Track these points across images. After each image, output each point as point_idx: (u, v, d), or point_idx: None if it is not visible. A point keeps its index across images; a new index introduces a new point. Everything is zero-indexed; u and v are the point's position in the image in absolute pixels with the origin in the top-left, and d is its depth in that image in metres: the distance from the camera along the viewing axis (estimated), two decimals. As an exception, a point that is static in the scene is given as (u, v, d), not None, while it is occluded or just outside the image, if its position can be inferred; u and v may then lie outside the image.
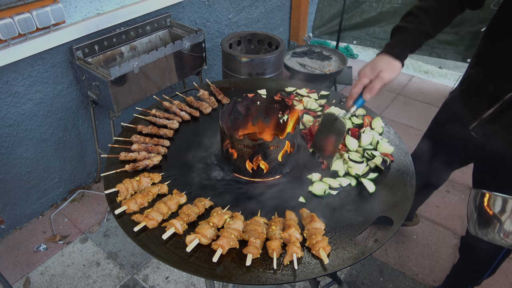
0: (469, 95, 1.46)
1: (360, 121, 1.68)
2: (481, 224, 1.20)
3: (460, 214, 2.65)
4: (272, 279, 1.06)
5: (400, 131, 3.39)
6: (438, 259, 2.37)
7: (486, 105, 1.33)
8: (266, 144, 1.30)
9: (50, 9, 1.98)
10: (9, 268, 2.29)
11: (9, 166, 2.29)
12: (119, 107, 2.23)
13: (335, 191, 1.35)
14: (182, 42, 2.42)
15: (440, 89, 4.07)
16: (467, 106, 1.47)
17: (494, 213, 1.15)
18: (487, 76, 1.34)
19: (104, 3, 2.33)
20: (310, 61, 3.76)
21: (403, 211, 1.26)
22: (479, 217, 1.20)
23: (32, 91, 2.20)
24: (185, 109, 1.75)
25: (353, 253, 1.12)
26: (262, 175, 1.40)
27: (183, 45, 2.43)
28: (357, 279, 2.25)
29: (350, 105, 1.34)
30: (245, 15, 3.55)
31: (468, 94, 1.47)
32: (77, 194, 2.77)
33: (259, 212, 1.26)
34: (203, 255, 1.12)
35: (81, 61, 2.23)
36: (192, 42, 2.49)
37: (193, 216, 1.22)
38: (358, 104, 1.33)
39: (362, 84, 1.28)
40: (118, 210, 1.23)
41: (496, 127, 1.35)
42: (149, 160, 1.43)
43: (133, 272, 2.28)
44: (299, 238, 1.15)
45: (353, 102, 1.33)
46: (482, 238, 1.22)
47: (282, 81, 2.01)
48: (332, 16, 4.17)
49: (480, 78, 1.37)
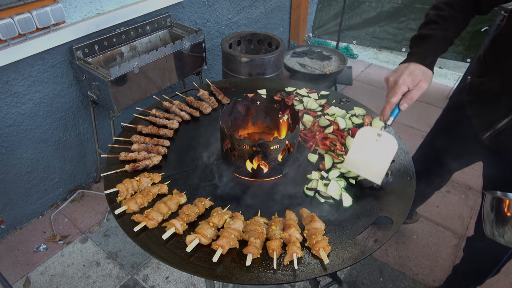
0: (479, 105, 1.43)
1: (360, 120, 1.68)
2: (499, 226, 1.19)
3: (460, 214, 2.65)
4: (272, 279, 1.06)
5: (400, 131, 3.39)
6: (438, 259, 2.37)
7: (499, 116, 1.31)
8: (266, 144, 1.30)
9: (50, 9, 1.98)
10: (9, 268, 2.29)
11: (9, 166, 2.29)
12: (119, 107, 2.23)
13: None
14: (182, 42, 2.42)
15: (440, 89, 4.07)
16: (478, 116, 1.45)
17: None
18: (498, 87, 1.31)
19: (104, 3, 2.33)
20: (310, 61, 3.76)
21: (403, 211, 1.26)
22: (496, 219, 1.19)
23: (32, 91, 2.20)
24: (185, 109, 1.75)
25: (353, 253, 1.12)
26: (262, 175, 1.40)
27: (183, 45, 2.43)
28: (357, 279, 2.25)
29: (388, 116, 1.25)
30: (245, 15, 3.55)
31: (478, 104, 1.44)
32: (77, 194, 2.78)
33: (259, 212, 1.26)
34: (203, 255, 1.12)
35: (81, 61, 2.23)
36: (192, 42, 2.49)
37: (193, 216, 1.22)
38: (394, 115, 1.24)
39: (402, 93, 1.22)
40: (118, 210, 1.23)
41: (511, 137, 1.33)
42: (149, 160, 1.43)
43: (133, 272, 2.28)
44: (299, 238, 1.15)
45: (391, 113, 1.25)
46: (498, 240, 1.21)
47: (282, 81, 2.01)
48: (332, 16, 4.18)
49: (491, 89, 1.35)
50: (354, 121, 1.68)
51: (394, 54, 4.71)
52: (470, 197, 2.79)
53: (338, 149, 1.50)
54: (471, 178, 2.91)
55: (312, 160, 1.49)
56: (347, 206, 1.29)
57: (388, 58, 4.67)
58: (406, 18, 3.70)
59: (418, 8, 3.59)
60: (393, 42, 3.90)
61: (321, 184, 1.34)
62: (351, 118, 1.70)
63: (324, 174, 1.41)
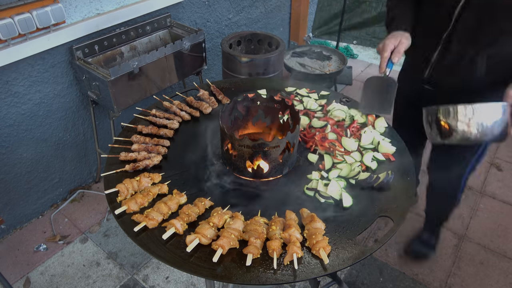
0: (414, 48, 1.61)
1: (363, 119, 1.68)
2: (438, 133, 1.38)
3: (460, 214, 2.65)
4: (272, 279, 1.06)
5: (400, 131, 3.38)
6: (438, 259, 2.37)
7: (431, 50, 1.59)
8: (266, 144, 1.30)
9: (50, 9, 1.98)
10: (9, 268, 2.29)
11: (9, 166, 2.29)
12: (119, 107, 2.23)
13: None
14: (182, 42, 2.42)
15: (440, 89, 4.07)
16: (417, 57, 1.69)
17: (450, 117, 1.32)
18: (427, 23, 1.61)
19: (104, 3, 2.33)
20: (310, 61, 3.76)
21: (403, 211, 1.26)
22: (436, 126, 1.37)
23: (32, 91, 2.20)
24: (185, 109, 1.75)
25: (353, 253, 1.12)
26: (262, 175, 1.40)
27: (183, 45, 2.43)
28: (357, 279, 2.25)
29: (384, 67, 1.55)
30: (245, 15, 3.55)
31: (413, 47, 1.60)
32: (77, 194, 2.78)
33: (259, 212, 1.26)
34: (203, 255, 1.12)
35: (81, 61, 2.23)
36: (192, 42, 2.49)
37: (193, 216, 1.22)
38: (390, 67, 1.55)
39: (390, 49, 1.52)
40: (118, 210, 1.23)
41: (444, 71, 1.60)
42: (149, 160, 1.43)
43: (133, 272, 2.28)
44: (299, 238, 1.15)
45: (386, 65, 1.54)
46: (446, 142, 1.36)
47: (282, 81, 2.01)
48: (332, 16, 4.17)
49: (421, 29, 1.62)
50: (358, 119, 1.68)
51: (394, 54, 4.71)
52: (470, 197, 2.79)
53: (337, 149, 1.50)
54: (471, 178, 2.91)
55: (312, 160, 1.49)
56: (347, 206, 1.29)
57: (388, 58, 4.67)
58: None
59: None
60: (393, 42, 3.89)
61: (321, 184, 1.34)
62: (352, 116, 1.70)
63: (324, 174, 1.41)
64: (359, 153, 1.51)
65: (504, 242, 2.46)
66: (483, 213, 2.66)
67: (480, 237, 2.50)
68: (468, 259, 2.37)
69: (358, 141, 1.56)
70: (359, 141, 1.56)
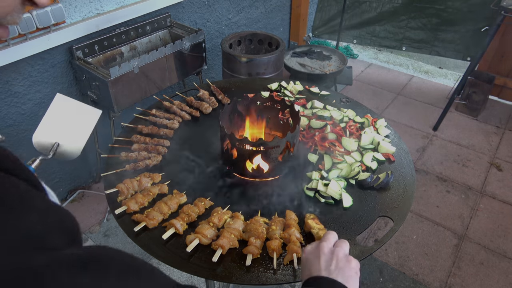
0: None
1: (362, 120, 1.68)
2: None
3: (460, 214, 2.65)
4: (272, 279, 1.06)
5: (400, 131, 3.39)
6: (438, 259, 2.37)
7: None
8: (266, 144, 1.30)
9: (50, 9, 1.98)
10: (9, 268, 2.28)
11: (9, 166, 2.29)
12: (119, 107, 2.23)
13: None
14: (182, 42, 2.42)
15: (440, 89, 4.07)
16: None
17: None
18: None
19: (104, 3, 2.33)
20: (310, 61, 3.75)
21: (403, 211, 1.26)
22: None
23: (32, 91, 2.20)
24: (185, 109, 1.75)
25: (353, 253, 1.12)
26: (262, 175, 1.40)
27: (183, 45, 2.43)
28: (357, 279, 2.25)
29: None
30: (245, 15, 3.55)
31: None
32: (77, 194, 2.77)
33: (259, 212, 1.26)
34: (203, 255, 1.12)
35: (81, 61, 2.23)
36: (192, 42, 2.49)
37: (193, 216, 1.22)
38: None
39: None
40: (118, 210, 1.23)
41: None
42: (149, 160, 1.43)
43: (133, 272, 2.28)
44: (299, 238, 1.15)
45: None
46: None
47: (281, 81, 2.01)
48: (332, 16, 4.17)
49: None
50: (357, 120, 1.68)
51: (394, 54, 4.71)
52: (470, 197, 2.79)
53: (337, 149, 1.51)
54: (471, 178, 2.91)
55: (312, 160, 1.49)
56: (347, 206, 1.29)
57: (388, 58, 4.67)
58: (406, 16, 3.70)
59: (418, 6, 3.59)
60: (393, 41, 3.90)
61: (321, 184, 1.34)
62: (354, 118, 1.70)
63: (324, 174, 1.41)
64: (359, 153, 1.51)
65: (504, 242, 2.46)
66: (483, 213, 2.66)
67: (480, 237, 2.50)
68: (468, 259, 2.37)
69: (358, 141, 1.56)
70: (359, 141, 1.56)
